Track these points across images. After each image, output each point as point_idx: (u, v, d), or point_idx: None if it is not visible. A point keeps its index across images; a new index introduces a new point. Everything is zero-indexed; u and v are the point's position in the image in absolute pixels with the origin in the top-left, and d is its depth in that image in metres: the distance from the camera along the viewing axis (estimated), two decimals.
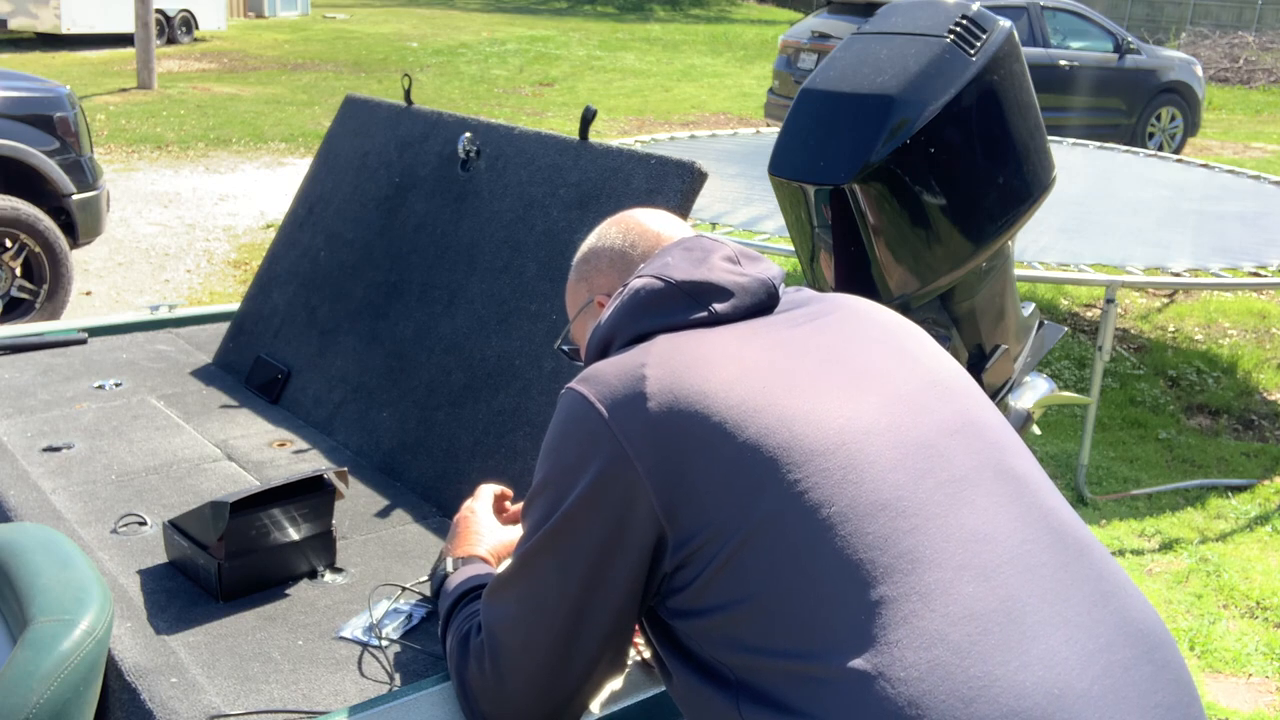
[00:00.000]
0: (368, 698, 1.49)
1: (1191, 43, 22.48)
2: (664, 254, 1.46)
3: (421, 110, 2.73)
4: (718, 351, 1.32)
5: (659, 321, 1.38)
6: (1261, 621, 3.86)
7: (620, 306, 1.41)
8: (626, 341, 1.38)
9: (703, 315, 1.38)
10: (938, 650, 1.10)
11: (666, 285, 1.39)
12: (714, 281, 1.40)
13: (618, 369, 1.30)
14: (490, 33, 24.04)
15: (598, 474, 1.24)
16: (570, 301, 1.61)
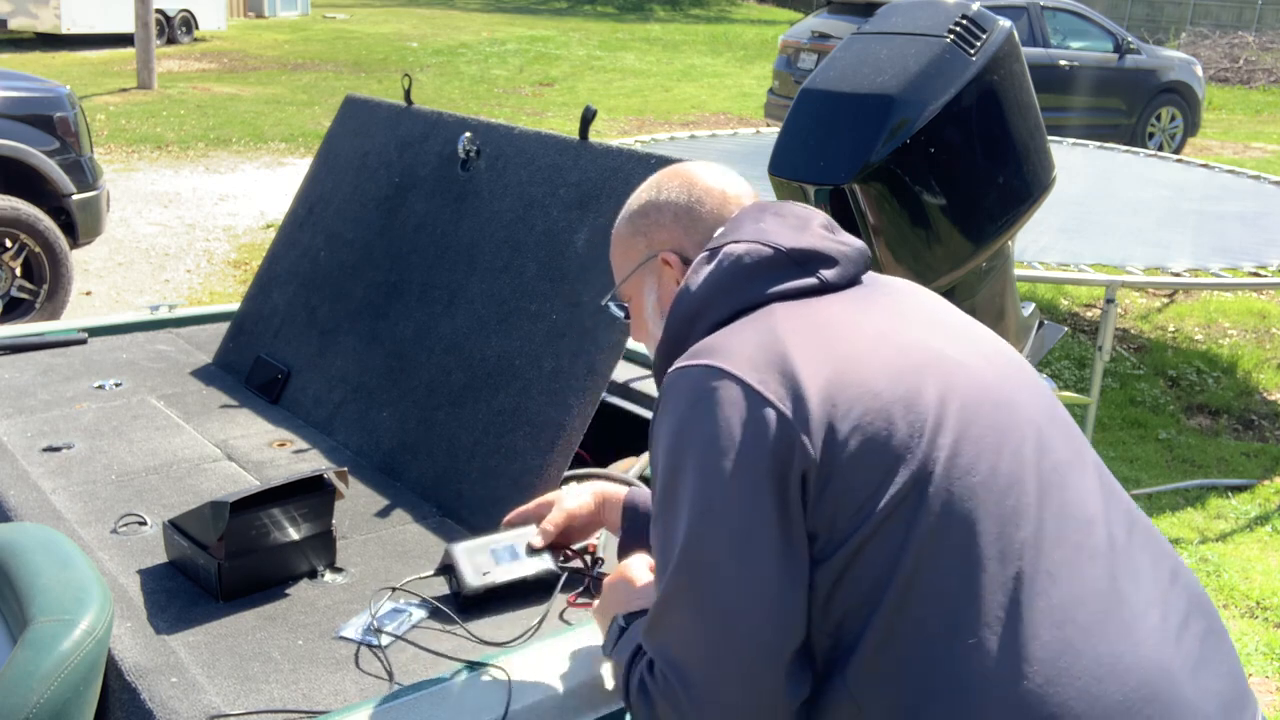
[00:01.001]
0: (368, 698, 1.49)
1: (1191, 43, 22.47)
2: (752, 218, 1.41)
3: (421, 110, 2.73)
4: (844, 320, 1.30)
5: (767, 289, 1.33)
6: (1261, 621, 3.86)
7: (721, 273, 1.35)
8: (734, 310, 1.33)
9: (812, 283, 1.34)
10: (1068, 629, 1.16)
11: (776, 252, 1.35)
12: (821, 249, 1.37)
13: (752, 340, 1.26)
14: (490, 33, 24.03)
15: (761, 448, 1.18)
16: (621, 256, 1.54)
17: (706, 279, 1.36)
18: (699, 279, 1.37)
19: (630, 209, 1.53)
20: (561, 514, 1.74)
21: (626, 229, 1.53)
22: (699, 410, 1.22)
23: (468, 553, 1.72)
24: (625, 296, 1.55)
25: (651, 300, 1.51)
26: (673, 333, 1.38)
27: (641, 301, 1.53)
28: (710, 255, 1.38)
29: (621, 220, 1.54)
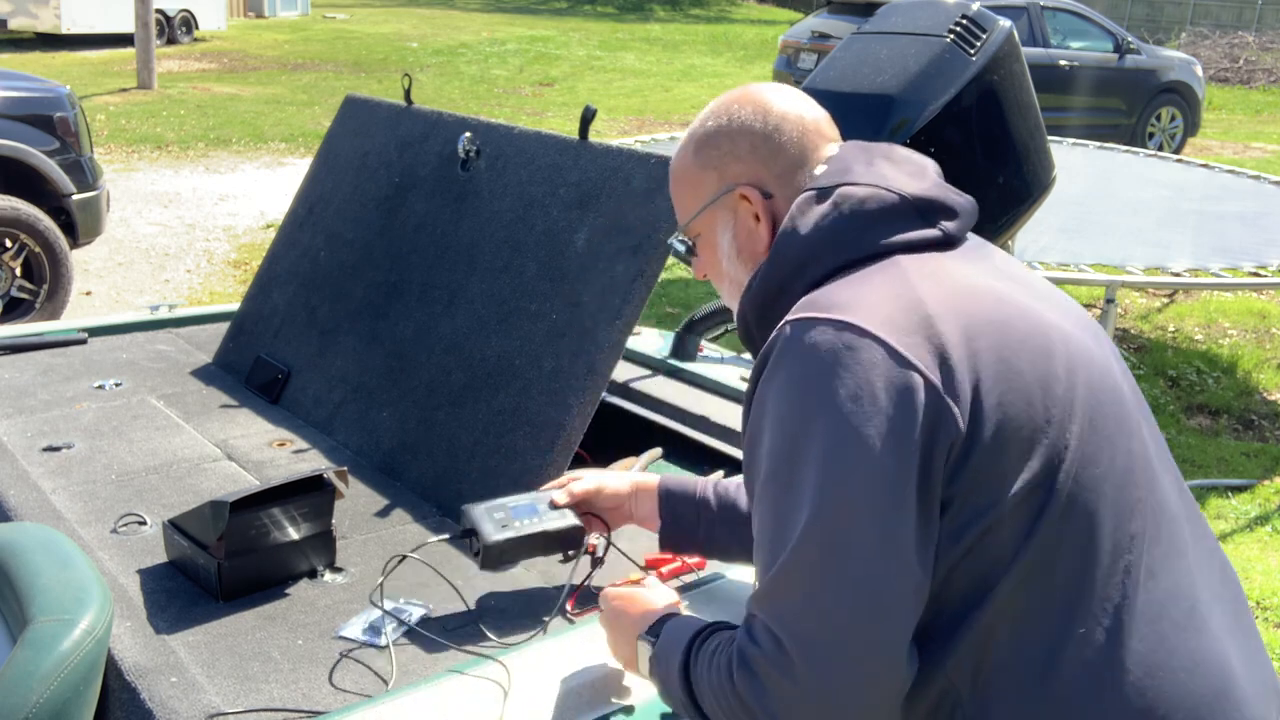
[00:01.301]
0: (367, 697, 1.49)
1: (1191, 43, 22.47)
2: (861, 159, 1.30)
3: (421, 110, 2.73)
4: (971, 282, 1.21)
5: (889, 239, 1.23)
6: (1261, 621, 3.86)
7: (840, 217, 1.24)
8: (849, 260, 1.22)
9: (935, 236, 1.25)
10: (1163, 625, 1.17)
11: (901, 200, 1.25)
12: (943, 200, 1.28)
13: (888, 297, 1.16)
14: (490, 33, 24.03)
15: (909, 415, 1.10)
16: (687, 191, 1.40)
17: (821, 223, 1.24)
18: (809, 221, 1.25)
19: (695, 138, 1.39)
20: (592, 482, 1.68)
21: (693, 161, 1.39)
22: (835, 371, 1.11)
23: (486, 510, 1.67)
24: (691, 234, 1.42)
25: (726, 239, 1.38)
26: (775, 279, 1.27)
27: (713, 241, 1.39)
28: (819, 196, 1.26)
29: (685, 151, 1.40)
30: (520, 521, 1.64)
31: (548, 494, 1.70)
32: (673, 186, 1.43)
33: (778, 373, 1.17)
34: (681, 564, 1.86)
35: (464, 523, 1.67)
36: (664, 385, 2.80)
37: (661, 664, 1.32)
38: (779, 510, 1.14)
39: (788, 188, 1.33)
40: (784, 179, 1.34)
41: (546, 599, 1.78)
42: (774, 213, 1.33)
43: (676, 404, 2.64)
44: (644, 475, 1.71)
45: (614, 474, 1.70)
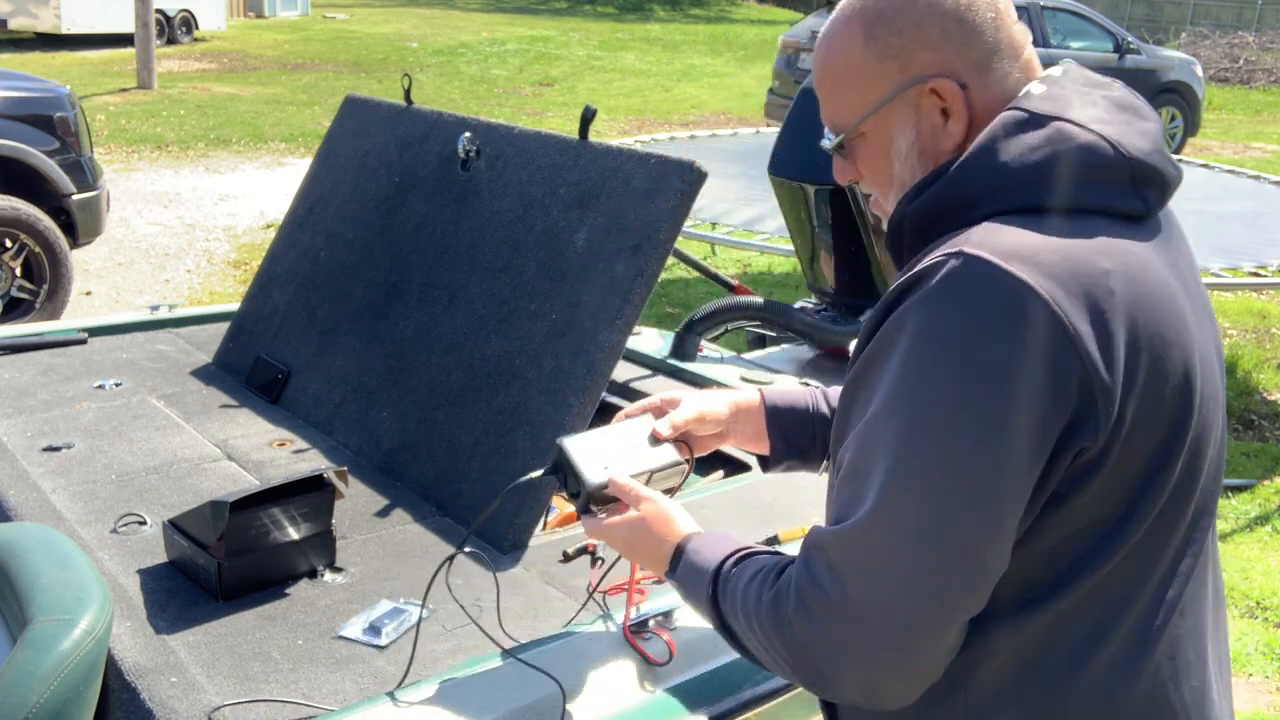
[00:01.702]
0: (367, 697, 1.49)
1: (1191, 43, 22.47)
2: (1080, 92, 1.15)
3: (421, 110, 2.73)
4: (1161, 278, 1.10)
5: (1094, 201, 1.10)
6: (1261, 621, 3.86)
7: (1055, 160, 1.09)
8: (1040, 205, 1.09)
9: (1140, 211, 1.12)
10: (1177, 662, 1.16)
11: (1125, 162, 1.11)
12: (1161, 170, 1.14)
13: (1080, 270, 1.04)
14: (490, 33, 24.03)
15: (1060, 405, 1.02)
16: (855, 84, 1.19)
17: (1028, 157, 1.09)
18: (1015, 151, 1.10)
19: (864, 18, 1.18)
20: (692, 409, 1.47)
21: (864, 49, 1.18)
22: (1001, 332, 1.01)
23: (582, 447, 1.45)
24: (853, 134, 1.22)
25: (907, 140, 1.19)
26: (954, 197, 1.12)
27: (885, 142, 1.20)
28: (1033, 122, 1.11)
29: (848, 37, 1.19)
30: (624, 461, 1.44)
31: (644, 422, 1.49)
32: (829, 80, 1.22)
33: (934, 305, 1.04)
34: None
35: (556, 457, 1.44)
36: (664, 385, 2.80)
37: (689, 596, 1.27)
38: (886, 450, 1.04)
39: (985, 77, 1.16)
40: (980, 68, 1.16)
41: (547, 599, 1.78)
42: (970, 106, 1.16)
43: None
44: (741, 393, 1.53)
45: (710, 395, 1.51)
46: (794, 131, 3.54)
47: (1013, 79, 1.17)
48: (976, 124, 1.16)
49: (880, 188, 1.25)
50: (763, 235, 5.92)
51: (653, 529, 1.32)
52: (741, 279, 7.67)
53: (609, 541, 1.36)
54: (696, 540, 1.28)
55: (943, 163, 1.17)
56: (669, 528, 1.31)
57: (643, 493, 1.34)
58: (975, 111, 1.16)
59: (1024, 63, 1.18)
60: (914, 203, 1.16)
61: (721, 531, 1.30)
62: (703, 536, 1.28)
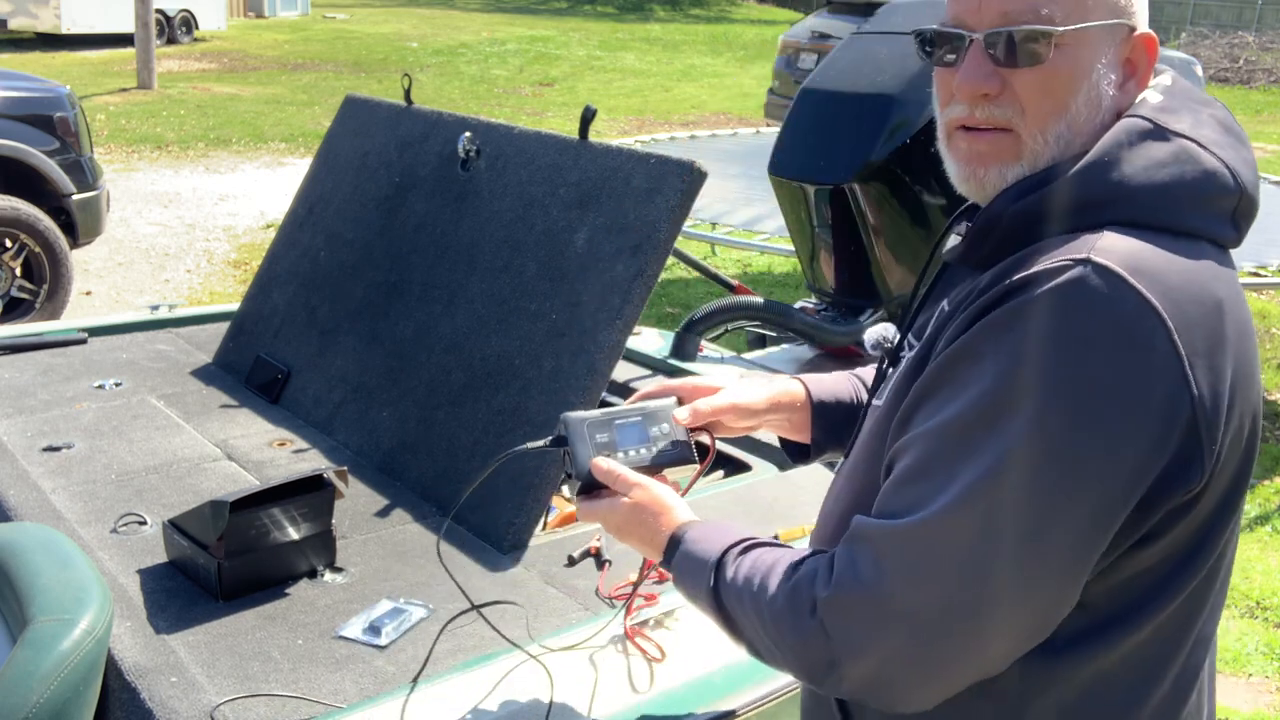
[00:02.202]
0: (367, 697, 1.49)
1: (1191, 43, 22.47)
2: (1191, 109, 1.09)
3: (421, 110, 2.73)
4: (1244, 313, 1.06)
5: (1202, 225, 1.05)
6: (1261, 621, 3.86)
7: (1176, 179, 1.03)
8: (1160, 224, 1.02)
9: (1231, 241, 1.08)
10: (1201, 689, 1.16)
11: (1235, 187, 1.06)
12: (1255, 201, 1.09)
13: (1191, 288, 0.99)
14: (490, 33, 24.03)
15: (1162, 445, 0.96)
16: None
17: (1154, 173, 1.03)
18: (1139, 164, 1.03)
19: None
20: (725, 402, 1.37)
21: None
22: (1120, 358, 0.95)
23: (587, 426, 1.32)
24: (1044, 35, 1.05)
25: (1087, 84, 1.07)
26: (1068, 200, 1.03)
27: (1084, 67, 1.07)
28: (1158, 135, 1.05)
29: None
30: (627, 450, 1.31)
31: (668, 405, 1.36)
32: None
33: (1052, 312, 0.96)
34: None
35: (559, 431, 1.33)
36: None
37: (686, 584, 1.21)
38: (968, 458, 0.97)
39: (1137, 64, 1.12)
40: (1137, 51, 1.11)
41: (547, 599, 1.78)
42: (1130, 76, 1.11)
43: None
44: (781, 386, 1.44)
45: (749, 388, 1.41)
46: (794, 131, 3.54)
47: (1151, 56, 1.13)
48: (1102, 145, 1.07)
49: (1036, 119, 1.07)
50: (763, 235, 5.92)
51: (646, 515, 1.25)
52: (741, 279, 7.68)
53: (602, 524, 1.29)
54: (695, 530, 1.22)
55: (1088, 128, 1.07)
56: (664, 516, 1.24)
57: (632, 478, 1.26)
58: (1130, 83, 1.11)
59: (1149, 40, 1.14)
60: (1018, 203, 1.05)
61: (722, 521, 1.26)
62: (702, 525, 1.23)
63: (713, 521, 1.25)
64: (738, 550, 1.17)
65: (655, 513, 1.25)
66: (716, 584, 1.16)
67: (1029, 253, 1.02)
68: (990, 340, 0.99)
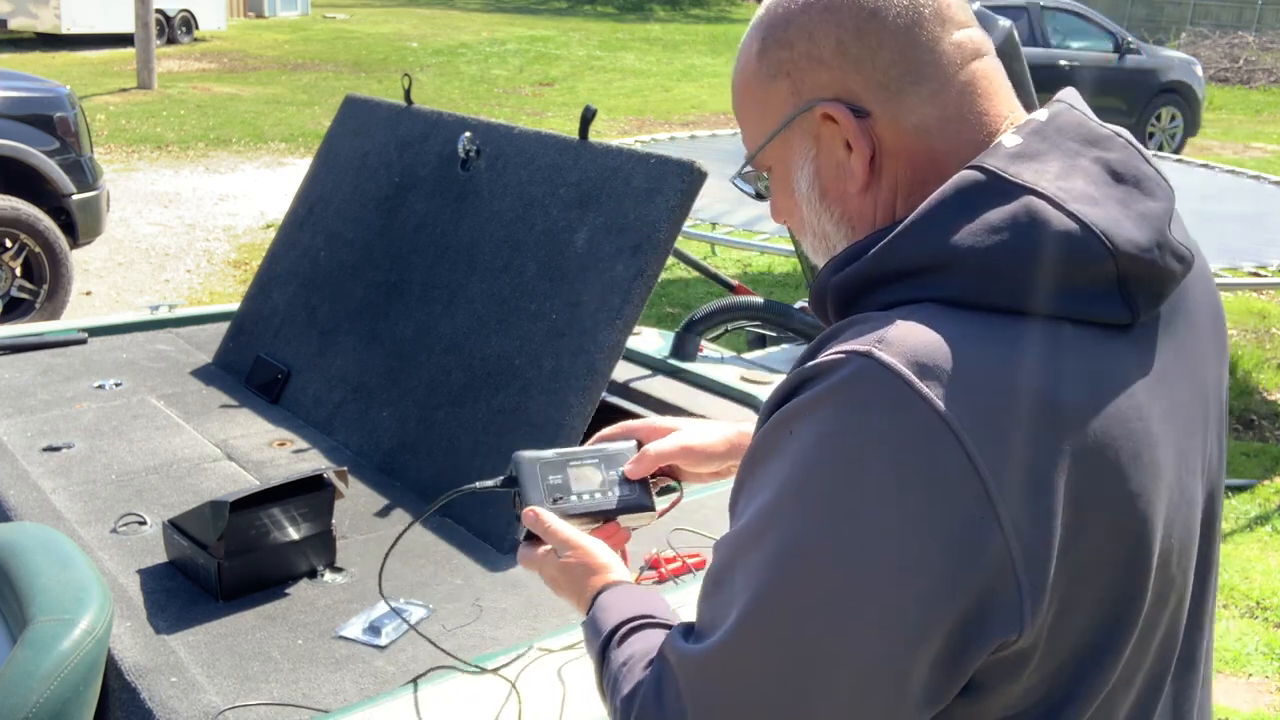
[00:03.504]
0: (367, 697, 1.49)
1: (1191, 43, 22.48)
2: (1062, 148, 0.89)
3: (421, 110, 2.73)
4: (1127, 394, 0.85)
5: (1061, 305, 0.84)
6: (1261, 621, 3.86)
7: (1012, 248, 0.83)
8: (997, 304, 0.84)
9: (1123, 321, 0.86)
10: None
11: (1102, 254, 0.84)
12: (1164, 268, 0.87)
13: (1006, 378, 0.81)
14: (490, 33, 24.04)
15: (958, 557, 0.78)
16: (754, 107, 0.99)
17: (983, 241, 0.84)
18: (972, 232, 0.84)
19: (762, 25, 0.97)
20: (675, 445, 1.24)
21: (757, 63, 0.97)
22: (900, 465, 0.79)
23: (541, 468, 1.25)
24: (763, 165, 1.02)
25: (805, 178, 0.98)
26: (879, 271, 0.88)
27: (789, 177, 1.00)
28: (997, 191, 0.85)
29: (748, 46, 0.98)
30: (580, 495, 1.24)
31: (628, 448, 1.28)
32: (735, 99, 1.03)
33: (823, 418, 0.82)
34: (682, 564, 1.86)
35: (510, 471, 1.26)
36: (664, 385, 2.80)
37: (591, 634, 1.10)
38: (746, 579, 0.85)
39: (896, 103, 0.92)
40: (889, 90, 0.92)
41: (547, 599, 1.78)
42: (873, 138, 0.93)
43: (676, 404, 2.64)
44: (742, 429, 1.29)
45: (703, 427, 1.29)
46: None
47: (944, 105, 0.92)
48: (888, 163, 0.93)
49: (799, 232, 1.03)
50: (763, 235, 5.92)
51: (574, 578, 1.14)
52: (741, 279, 7.67)
53: (541, 576, 1.20)
54: (605, 595, 1.10)
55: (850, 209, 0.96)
56: (589, 579, 1.13)
57: (568, 536, 1.15)
58: (885, 146, 0.93)
59: (966, 83, 0.92)
60: (835, 275, 0.92)
61: (632, 588, 1.12)
62: (612, 592, 1.10)
63: (625, 588, 1.11)
64: (625, 631, 1.04)
65: (582, 576, 1.14)
66: (601, 662, 1.04)
67: (836, 329, 0.88)
68: (773, 444, 0.86)
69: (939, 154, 0.92)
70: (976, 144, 0.92)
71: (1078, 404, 0.82)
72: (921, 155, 0.92)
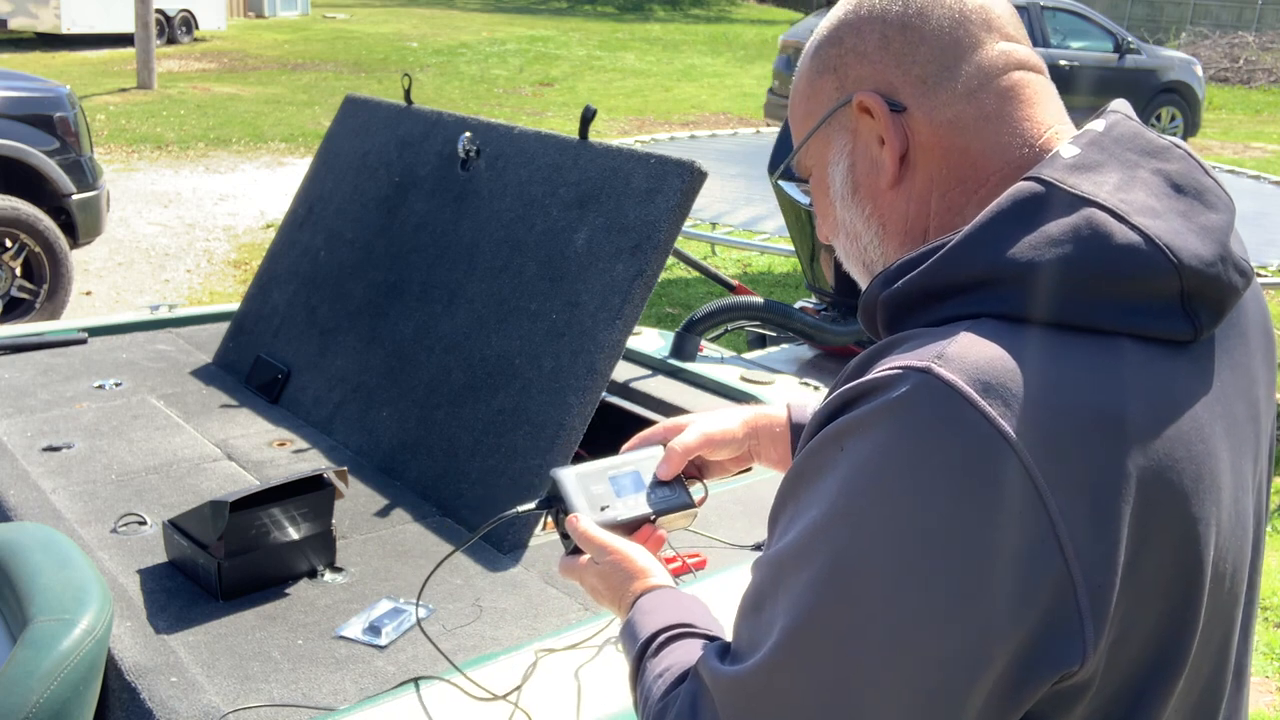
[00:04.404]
0: (367, 697, 1.49)
1: (1191, 43, 22.48)
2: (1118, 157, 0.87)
3: (421, 110, 2.73)
4: (1194, 417, 0.83)
5: (1121, 320, 0.81)
6: (1261, 621, 3.86)
7: (1074, 262, 0.80)
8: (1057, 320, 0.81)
9: (1185, 336, 0.84)
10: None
11: (1167, 268, 0.81)
12: (1227, 282, 0.85)
13: (1069, 395, 0.78)
14: (490, 33, 24.03)
15: (1016, 587, 0.75)
16: (802, 105, 1.00)
17: (1043, 255, 0.81)
18: (1029, 240, 0.82)
19: (821, 31, 0.99)
20: (697, 436, 1.25)
21: (811, 65, 0.98)
22: (954, 486, 0.76)
23: (580, 480, 1.25)
24: (805, 168, 1.02)
25: (841, 173, 0.97)
26: (935, 283, 0.85)
27: (824, 176, 0.99)
28: (1056, 203, 0.83)
29: (807, 51, 1.00)
30: (623, 500, 1.24)
31: (654, 454, 1.29)
32: (790, 103, 1.03)
33: (879, 434, 0.79)
34: (682, 564, 1.86)
35: (550, 490, 1.26)
36: (664, 385, 2.80)
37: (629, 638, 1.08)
38: (789, 600, 0.81)
39: (932, 98, 0.91)
40: (927, 85, 0.92)
41: (548, 599, 1.78)
42: (907, 134, 0.92)
43: (676, 404, 2.64)
44: (760, 409, 1.30)
45: (720, 415, 1.29)
46: None
47: (981, 105, 0.91)
48: (922, 159, 0.93)
49: (834, 237, 1.02)
50: (763, 235, 5.92)
51: (612, 584, 1.14)
52: (741, 279, 7.68)
53: (582, 586, 1.20)
54: (645, 600, 1.09)
55: (881, 205, 0.95)
56: (629, 584, 1.12)
57: (608, 543, 1.15)
58: (919, 141, 0.92)
59: (1008, 88, 0.92)
60: (888, 289, 0.89)
61: (672, 592, 1.10)
62: (651, 597, 1.09)
63: (665, 593, 1.10)
64: (662, 640, 1.02)
65: (620, 582, 1.14)
66: (638, 670, 1.03)
67: (886, 345, 0.86)
68: (823, 460, 0.83)
69: (974, 152, 0.91)
70: (1017, 148, 0.91)
71: (1141, 424, 0.79)
72: (956, 152, 0.92)
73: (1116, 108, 0.94)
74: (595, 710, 1.50)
